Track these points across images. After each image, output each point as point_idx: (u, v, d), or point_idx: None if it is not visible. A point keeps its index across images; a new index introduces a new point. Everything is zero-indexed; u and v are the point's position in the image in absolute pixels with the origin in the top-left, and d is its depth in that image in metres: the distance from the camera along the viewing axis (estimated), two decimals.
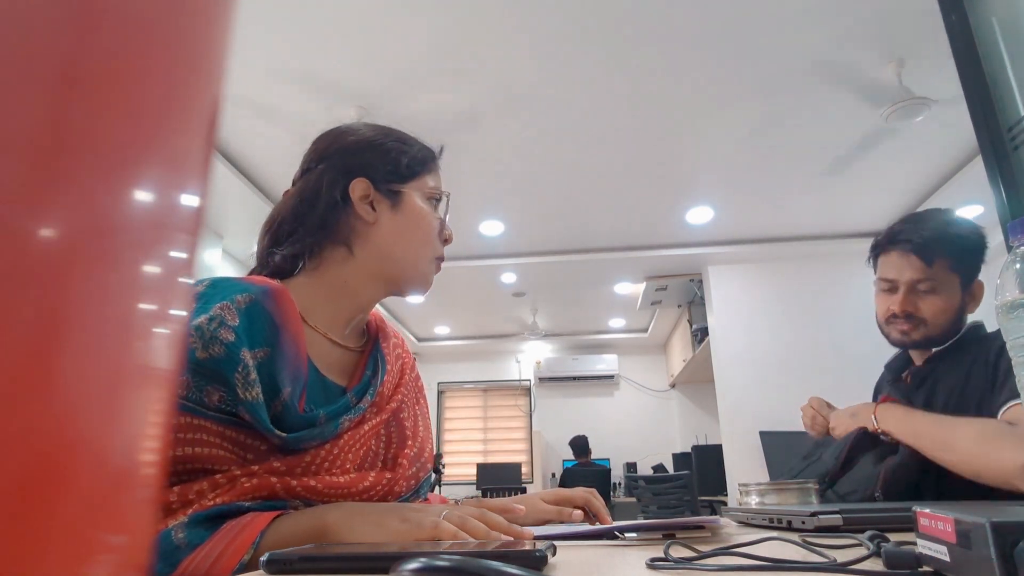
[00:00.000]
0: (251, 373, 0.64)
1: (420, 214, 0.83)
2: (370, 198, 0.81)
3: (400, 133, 0.87)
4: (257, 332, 0.67)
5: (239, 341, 0.65)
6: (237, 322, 0.65)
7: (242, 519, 0.59)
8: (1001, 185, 1.28)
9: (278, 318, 0.70)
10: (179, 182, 0.16)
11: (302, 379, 0.71)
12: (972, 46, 1.35)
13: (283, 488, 0.65)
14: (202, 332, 0.63)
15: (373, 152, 0.83)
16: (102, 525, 0.14)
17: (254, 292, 0.69)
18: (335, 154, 0.83)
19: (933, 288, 1.19)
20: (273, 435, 0.65)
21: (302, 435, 0.68)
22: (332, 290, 0.80)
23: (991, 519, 0.30)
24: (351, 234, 0.80)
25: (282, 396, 0.67)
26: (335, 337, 0.80)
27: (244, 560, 0.55)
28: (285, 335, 0.70)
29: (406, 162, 0.83)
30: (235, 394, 0.64)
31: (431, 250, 0.84)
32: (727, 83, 2.54)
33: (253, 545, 0.56)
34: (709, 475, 4.23)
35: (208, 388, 0.63)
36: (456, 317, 5.73)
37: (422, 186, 0.84)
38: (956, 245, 1.19)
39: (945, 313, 1.19)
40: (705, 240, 4.05)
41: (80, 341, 0.13)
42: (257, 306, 0.68)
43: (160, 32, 0.15)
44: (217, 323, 0.64)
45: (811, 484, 1.01)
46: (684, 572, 0.40)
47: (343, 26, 2.21)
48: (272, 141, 2.87)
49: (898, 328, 1.22)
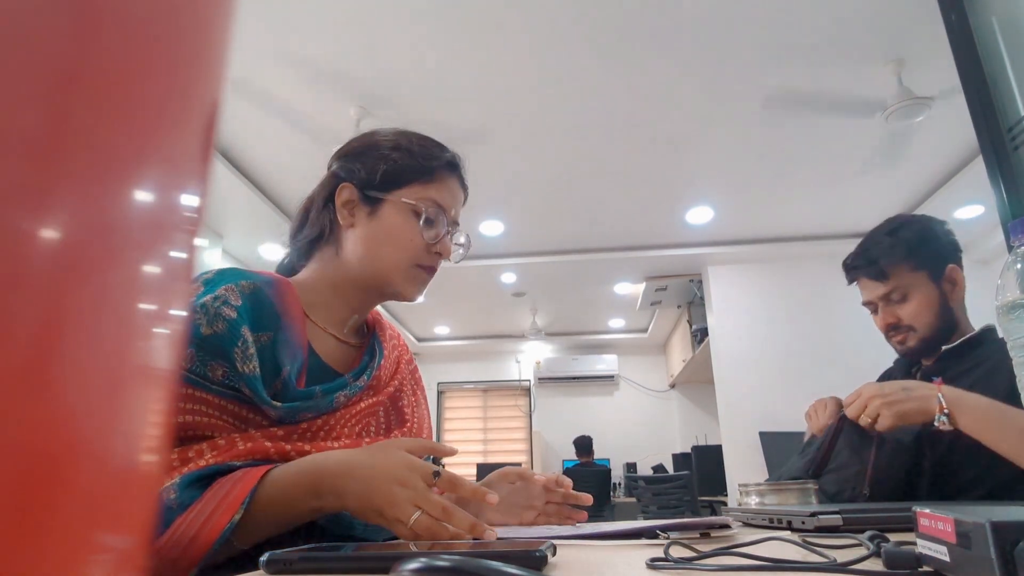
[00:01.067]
0: (249, 348, 0.68)
1: (393, 224, 0.81)
2: (353, 203, 0.82)
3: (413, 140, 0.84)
4: (260, 317, 0.71)
5: (240, 319, 0.68)
6: (240, 303, 0.69)
7: (233, 475, 0.60)
8: (1001, 185, 1.28)
9: (279, 307, 0.73)
10: (179, 182, 0.16)
11: (301, 359, 0.74)
12: (972, 46, 1.35)
13: (276, 452, 0.67)
14: (207, 309, 0.67)
15: (363, 158, 0.83)
16: (102, 525, 0.14)
17: (258, 281, 0.73)
18: (341, 156, 0.86)
19: (903, 295, 1.21)
20: (270, 406, 0.68)
21: (296, 406, 0.71)
22: (325, 290, 0.83)
23: (991, 519, 0.30)
24: (339, 237, 0.83)
25: (282, 374, 0.71)
26: (335, 333, 0.83)
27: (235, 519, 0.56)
28: (286, 321, 0.73)
29: (388, 170, 0.81)
30: (235, 368, 0.67)
31: (404, 261, 0.81)
32: (727, 83, 2.53)
33: (243, 504, 0.57)
34: (709, 475, 4.23)
35: (212, 363, 0.67)
36: (456, 317, 5.73)
37: (408, 195, 0.81)
38: (902, 249, 1.20)
39: (927, 311, 1.20)
40: (705, 240, 4.05)
41: (80, 341, 0.13)
42: (260, 293, 0.72)
43: (160, 32, 0.15)
44: (221, 302, 0.68)
45: (811, 484, 1.01)
46: (684, 572, 0.40)
47: (342, 26, 2.21)
48: (272, 141, 2.87)
49: (895, 340, 1.25)
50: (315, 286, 0.82)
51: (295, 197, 0.91)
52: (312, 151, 2.87)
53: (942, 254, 1.21)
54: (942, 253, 1.21)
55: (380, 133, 0.86)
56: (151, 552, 0.55)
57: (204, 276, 0.71)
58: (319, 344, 0.80)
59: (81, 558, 0.13)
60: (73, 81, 0.13)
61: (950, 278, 1.20)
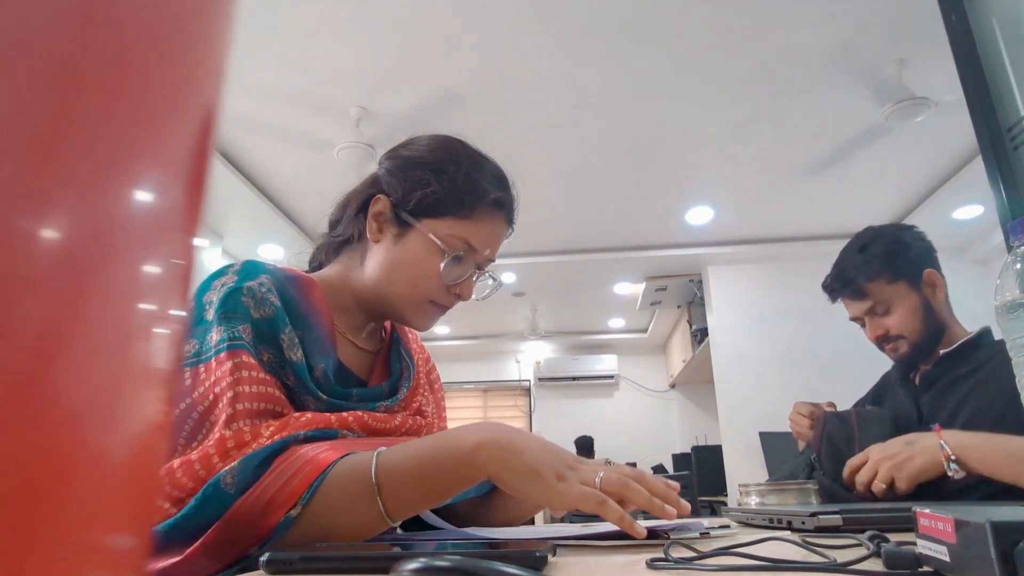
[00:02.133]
0: (294, 336, 0.68)
1: (416, 256, 0.76)
2: (383, 218, 0.78)
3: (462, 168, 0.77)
4: (290, 312, 0.70)
5: (280, 310, 0.68)
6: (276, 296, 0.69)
7: (295, 458, 0.58)
8: (1001, 185, 1.28)
9: (304, 306, 0.73)
10: (179, 182, 0.16)
11: (333, 357, 0.74)
12: (972, 46, 1.35)
13: (338, 420, 0.67)
14: (254, 293, 0.67)
15: (404, 175, 0.78)
16: (103, 525, 0.14)
17: (282, 277, 0.72)
18: (386, 161, 0.82)
19: (886, 308, 1.23)
20: (316, 396, 0.68)
21: (341, 403, 0.70)
22: (345, 294, 0.81)
23: (991, 519, 0.30)
24: (365, 247, 0.81)
25: (315, 373, 0.70)
26: (352, 338, 0.81)
27: (301, 502, 0.54)
28: (313, 319, 0.73)
29: (424, 198, 0.76)
30: (282, 354, 0.67)
31: (417, 296, 0.77)
32: (727, 83, 2.53)
33: (309, 489, 0.55)
34: (709, 475, 4.23)
35: (260, 347, 0.66)
36: (456, 317, 5.72)
37: (440, 229, 0.76)
38: (876, 264, 1.22)
39: (913, 318, 1.21)
40: (705, 240, 4.05)
41: (80, 341, 0.13)
42: (286, 291, 0.71)
43: (160, 32, 0.15)
44: (266, 289, 0.68)
45: (811, 484, 1.01)
46: (684, 572, 0.40)
47: (342, 26, 2.21)
48: (272, 141, 2.87)
49: (887, 349, 1.27)
50: (337, 287, 0.80)
51: (295, 197, 0.90)
52: (312, 151, 2.86)
53: (916, 261, 1.22)
54: (916, 260, 1.22)
55: (430, 148, 0.80)
56: (219, 526, 0.54)
57: (233, 267, 0.70)
58: (339, 347, 0.78)
59: (82, 558, 0.13)
60: (73, 81, 0.13)
61: (929, 282, 1.22)
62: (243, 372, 0.63)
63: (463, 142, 0.83)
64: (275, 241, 3.70)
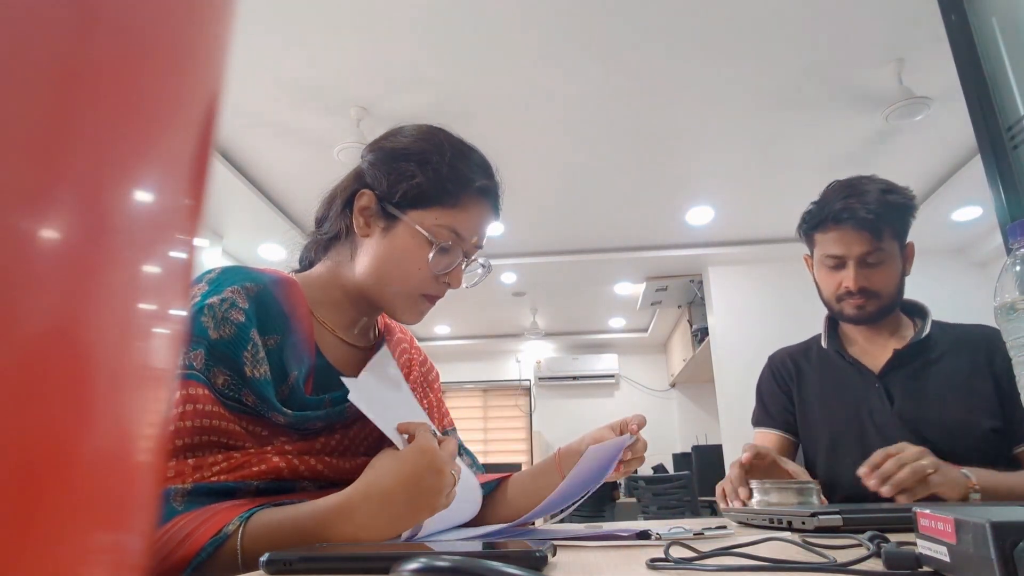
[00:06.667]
0: (260, 351, 0.66)
1: (404, 248, 0.76)
2: (370, 212, 0.78)
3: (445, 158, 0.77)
4: (267, 320, 0.69)
5: (249, 322, 0.66)
6: (247, 305, 0.67)
7: (212, 510, 0.57)
8: (1000, 185, 1.28)
9: (286, 307, 0.72)
10: (179, 182, 0.16)
11: (308, 363, 0.72)
12: (972, 46, 1.35)
13: (289, 470, 0.66)
14: (214, 311, 0.65)
15: (388, 168, 0.77)
16: (102, 525, 0.14)
17: (263, 281, 0.71)
18: (369, 154, 0.81)
19: (881, 260, 1.18)
20: (280, 412, 0.67)
21: (307, 415, 0.69)
22: (336, 290, 0.80)
23: (991, 519, 0.30)
24: (354, 242, 0.80)
25: (289, 380, 0.69)
26: (342, 335, 0.80)
27: (201, 556, 0.53)
28: (293, 323, 0.72)
29: (409, 190, 0.75)
30: (242, 375, 0.65)
31: (408, 288, 0.77)
32: (727, 83, 2.53)
33: (204, 548, 0.54)
34: (709, 475, 4.23)
35: (215, 369, 0.64)
36: (456, 317, 5.73)
37: (426, 219, 0.76)
38: (897, 213, 1.18)
39: (893, 281, 1.20)
40: (705, 240, 4.05)
41: (79, 341, 0.13)
42: (267, 294, 0.70)
43: (160, 32, 0.15)
44: (228, 304, 0.66)
45: (811, 484, 1.01)
46: (684, 572, 0.40)
47: (343, 27, 2.21)
48: (272, 141, 2.86)
49: (852, 304, 1.20)
50: (326, 285, 0.80)
51: (295, 197, 0.90)
52: (312, 151, 2.86)
53: (909, 228, 1.21)
54: (909, 227, 1.21)
55: (414, 139, 0.80)
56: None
57: (208, 275, 0.69)
58: (326, 346, 0.77)
59: (80, 558, 0.13)
60: (73, 81, 0.13)
61: (909, 255, 1.22)
62: (187, 406, 0.62)
63: (446, 131, 0.82)
64: (275, 241, 3.69)
